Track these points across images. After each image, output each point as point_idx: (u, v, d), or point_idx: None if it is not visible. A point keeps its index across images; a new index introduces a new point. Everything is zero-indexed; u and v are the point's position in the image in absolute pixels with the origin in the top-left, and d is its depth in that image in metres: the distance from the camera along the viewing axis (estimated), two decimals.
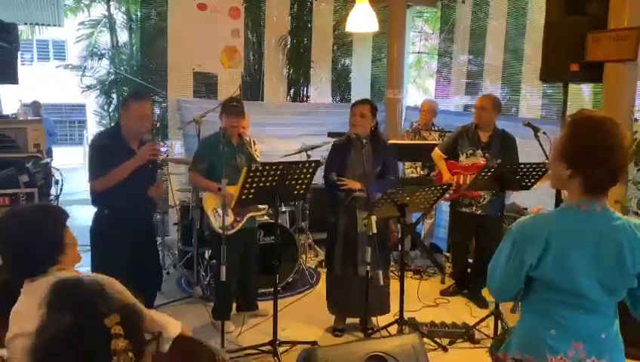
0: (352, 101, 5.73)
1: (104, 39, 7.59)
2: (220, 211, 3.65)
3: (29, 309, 1.40)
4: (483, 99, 4.46)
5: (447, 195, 4.45)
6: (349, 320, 4.03)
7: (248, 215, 3.93)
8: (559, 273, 1.62)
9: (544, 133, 3.75)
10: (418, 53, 12.70)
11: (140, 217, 3.51)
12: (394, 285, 3.88)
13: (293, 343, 3.62)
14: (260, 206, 3.99)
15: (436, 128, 5.86)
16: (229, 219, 3.79)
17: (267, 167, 3.19)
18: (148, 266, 3.52)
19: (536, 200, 4.74)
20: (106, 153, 3.33)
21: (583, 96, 5.60)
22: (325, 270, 4.15)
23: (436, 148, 4.61)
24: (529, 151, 4.20)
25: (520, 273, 1.68)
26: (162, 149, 5.52)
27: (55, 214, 1.85)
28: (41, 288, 1.60)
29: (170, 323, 1.96)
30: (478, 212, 4.40)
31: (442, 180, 4.48)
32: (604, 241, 1.60)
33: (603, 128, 1.59)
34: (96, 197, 3.39)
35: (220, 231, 3.58)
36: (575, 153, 1.62)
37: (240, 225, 3.88)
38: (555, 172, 1.70)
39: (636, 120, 3.90)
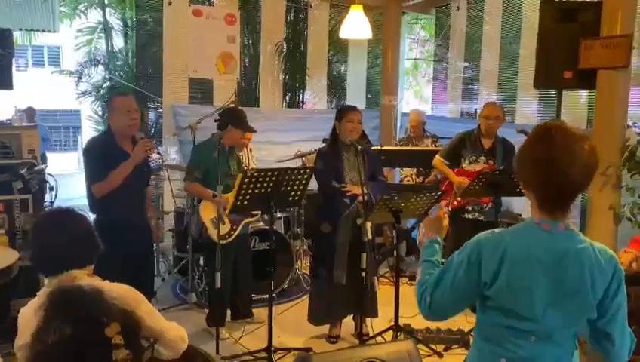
0: None
1: (100, 45, 7.60)
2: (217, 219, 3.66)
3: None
4: (496, 109, 4.34)
5: (455, 203, 4.30)
6: (344, 328, 4.02)
7: (243, 221, 3.93)
8: (512, 293, 1.47)
9: None
10: (414, 59, 12.75)
11: (137, 223, 3.45)
12: (390, 291, 3.88)
13: (288, 350, 3.61)
14: (253, 211, 3.99)
15: (428, 134, 5.88)
16: (226, 227, 3.79)
17: (263, 173, 3.20)
18: (141, 272, 3.46)
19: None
20: (101, 157, 3.30)
21: (579, 102, 5.63)
22: (313, 278, 4.04)
23: (437, 156, 4.53)
24: None
25: (469, 292, 1.53)
26: (155, 156, 5.52)
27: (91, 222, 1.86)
28: None
29: (174, 331, 1.90)
30: (481, 218, 4.31)
31: (451, 185, 4.34)
32: (566, 264, 1.46)
33: (549, 139, 1.44)
34: (94, 203, 3.33)
35: (219, 240, 3.59)
36: (521, 166, 1.51)
37: (237, 232, 3.88)
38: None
39: (629, 126, 3.94)
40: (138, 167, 3.33)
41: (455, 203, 4.33)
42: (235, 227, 3.87)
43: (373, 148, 4.60)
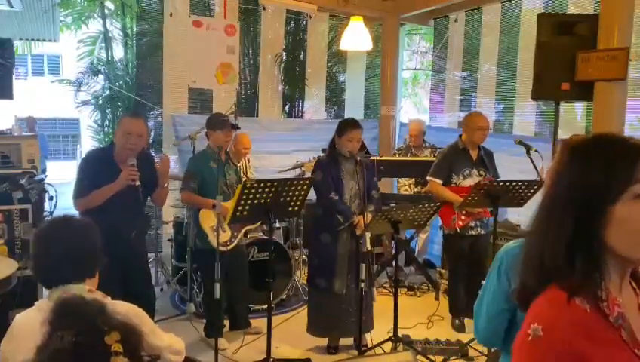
0: (346, 117, 5.79)
1: (101, 55, 7.61)
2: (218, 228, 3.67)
3: (33, 328, 1.39)
4: (485, 118, 4.33)
5: (459, 222, 4.19)
6: (342, 338, 4.01)
7: (244, 229, 3.95)
8: None
9: (536, 150, 3.78)
10: (413, 69, 12.80)
11: (129, 240, 3.37)
12: (389, 302, 3.88)
13: (287, 361, 3.60)
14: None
15: (427, 145, 5.90)
16: (227, 235, 3.80)
17: (262, 184, 3.21)
18: (139, 290, 3.38)
19: (529, 217, 4.75)
20: (92, 172, 3.29)
21: (575, 113, 5.66)
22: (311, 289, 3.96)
23: (432, 179, 4.32)
24: (520, 168, 4.21)
25: (509, 300, 1.50)
26: (172, 165, 5.45)
27: (96, 231, 1.85)
28: None
29: (173, 345, 1.93)
30: (482, 232, 4.24)
31: (451, 208, 4.19)
32: None
33: None
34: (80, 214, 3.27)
35: (220, 248, 3.60)
36: None
37: (237, 240, 3.89)
38: None
39: None
40: (132, 188, 3.25)
41: (460, 223, 4.24)
42: (235, 234, 3.88)
43: (372, 158, 4.63)
